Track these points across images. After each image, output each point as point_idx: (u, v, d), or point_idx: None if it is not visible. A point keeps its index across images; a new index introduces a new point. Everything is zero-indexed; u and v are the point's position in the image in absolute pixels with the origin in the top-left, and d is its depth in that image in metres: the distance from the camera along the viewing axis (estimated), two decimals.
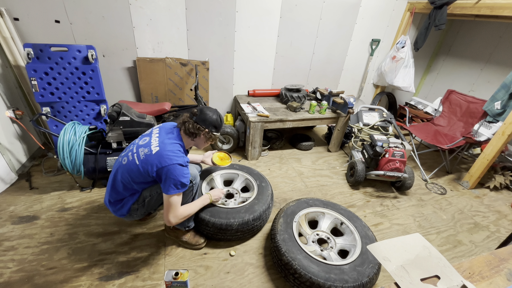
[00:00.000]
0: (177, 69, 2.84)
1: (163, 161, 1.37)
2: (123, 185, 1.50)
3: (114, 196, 1.55)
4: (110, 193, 1.56)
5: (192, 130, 1.48)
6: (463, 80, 3.62)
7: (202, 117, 1.50)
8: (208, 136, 1.53)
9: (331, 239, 1.73)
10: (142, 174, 1.43)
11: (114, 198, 1.55)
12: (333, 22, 3.20)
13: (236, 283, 1.57)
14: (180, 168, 1.38)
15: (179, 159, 1.39)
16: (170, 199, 1.40)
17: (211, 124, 1.52)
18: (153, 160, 1.39)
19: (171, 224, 1.46)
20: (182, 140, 1.52)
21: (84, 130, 2.03)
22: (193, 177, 1.56)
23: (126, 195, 1.53)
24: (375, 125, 2.90)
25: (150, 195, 1.54)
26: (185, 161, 1.42)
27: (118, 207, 1.55)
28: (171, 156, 1.38)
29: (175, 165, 1.37)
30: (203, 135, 1.52)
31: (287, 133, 3.51)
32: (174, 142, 1.46)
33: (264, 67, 3.26)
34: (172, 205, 1.41)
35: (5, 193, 2.10)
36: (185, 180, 1.40)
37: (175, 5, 2.59)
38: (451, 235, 2.10)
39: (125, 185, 1.50)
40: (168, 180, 1.37)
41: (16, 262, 1.58)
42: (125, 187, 1.50)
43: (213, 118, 1.52)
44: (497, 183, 2.71)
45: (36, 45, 2.05)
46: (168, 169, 1.36)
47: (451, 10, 2.88)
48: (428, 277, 0.79)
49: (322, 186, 2.56)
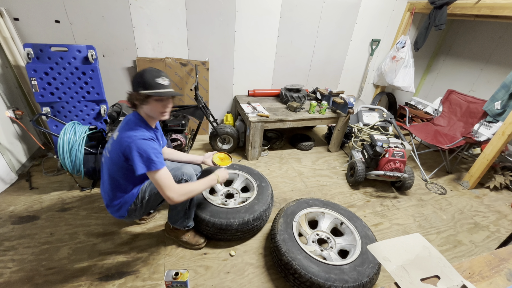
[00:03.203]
0: (177, 69, 2.84)
1: (123, 141, 1.32)
2: (110, 184, 1.48)
3: (107, 199, 1.54)
4: (104, 196, 1.55)
5: (130, 101, 1.35)
6: (463, 80, 3.62)
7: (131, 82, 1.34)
8: (138, 98, 1.31)
9: (331, 239, 1.73)
10: (117, 164, 1.39)
11: (110, 200, 1.53)
12: (333, 22, 3.21)
13: (236, 283, 1.57)
14: (143, 142, 1.29)
15: (138, 134, 1.31)
16: (154, 177, 1.32)
17: (135, 84, 1.31)
18: (116, 145, 1.36)
19: (175, 201, 1.37)
20: (141, 118, 1.40)
21: (84, 130, 2.03)
22: (189, 177, 1.53)
23: (120, 194, 1.51)
24: (375, 125, 2.90)
25: (148, 196, 1.53)
26: (148, 135, 1.34)
27: (116, 208, 1.54)
28: (129, 134, 1.31)
29: (135, 140, 1.29)
30: (136, 101, 1.34)
31: (287, 133, 3.51)
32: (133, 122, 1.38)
33: (264, 67, 3.27)
34: (160, 182, 1.32)
35: (5, 193, 2.11)
36: (154, 154, 1.30)
37: (175, 5, 2.59)
38: (451, 235, 2.10)
39: (111, 183, 1.48)
40: (135, 158, 1.29)
41: (16, 262, 1.58)
42: (112, 185, 1.48)
43: (137, 75, 1.32)
44: (497, 183, 2.71)
45: (36, 45, 2.05)
46: (129, 147, 1.29)
47: (451, 10, 2.88)
48: (428, 277, 0.79)
49: (322, 186, 2.56)
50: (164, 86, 1.34)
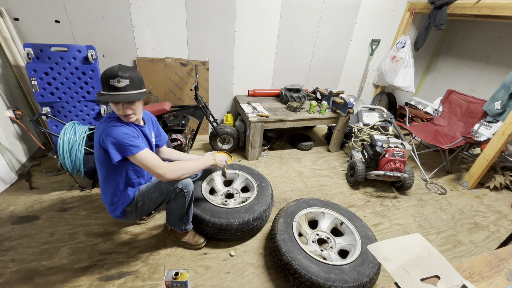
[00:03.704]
0: (177, 69, 2.84)
1: (97, 130, 1.31)
2: (102, 182, 1.47)
3: (103, 198, 1.53)
4: (102, 197, 1.55)
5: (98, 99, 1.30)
6: (463, 80, 3.62)
7: None
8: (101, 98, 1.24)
9: (331, 239, 1.73)
10: (99, 159, 1.38)
11: (105, 200, 1.52)
12: (333, 22, 3.21)
13: (236, 283, 1.57)
14: (113, 129, 1.26)
15: (111, 122, 1.29)
16: (138, 160, 1.30)
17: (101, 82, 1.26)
18: (95, 138, 1.35)
19: (168, 177, 1.34)
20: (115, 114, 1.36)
21: (84, 130, 2.02)
22: (185, 185, 1.48)
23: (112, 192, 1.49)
24: (375, 125, 2.90)
25: (142, 200, 1.50)
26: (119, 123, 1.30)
27: (113, 207, 1.52)
28: (103, 125, 1.30)
29: (105, 129, 1.27)
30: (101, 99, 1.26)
31: (287, 133, 3.51)
32: (107, 116, 1.37)
33: (264, 67, 3.27)
34: (145, 162, 1.30)
35: (5, 193, 2.11)
36: (126, 139, 1.26)
37: (175, 5, 2.59)
38: (451, 235, 2.10)
39: (102, 181, 1.47)
40: (108, 146, 1.26)
41: (16, 262, 1.58)
42: (104, 183, 1.47)
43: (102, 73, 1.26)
44: (497, 183, 2.71)
45: (36, 45, 2.05)
46: (102, 137, 1.27)
47: (451, 10, 2.88)
48: (428, 277, 0.79)
49: (322, 186, 2.56)
50: (116, 89, 1.22)
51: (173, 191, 1.47)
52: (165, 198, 1.50)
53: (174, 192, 1.48)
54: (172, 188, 1.46)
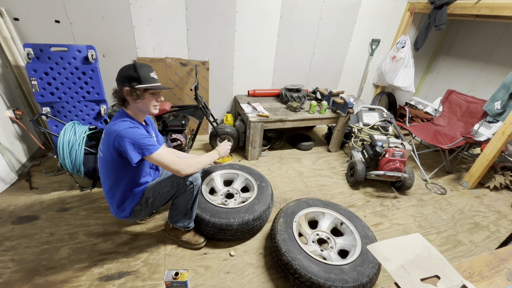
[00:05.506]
0: (177, 69, 2.84)
1: (111, 134, 1.31)
2: (110, 185, 1.48)
3: (110, 202, 1.53)
4: (108, 201, 1.55)
5: (120, 97, 1.36)
6: (463, 80, 3.62)
7: (118, 78, 1.35)
8: (133, 93, 1.32)
9: (331, 239, 1.73)
10: (110, 162, 1.39)
11: (114, 203, 1.52)
12: (333, 22, 3.21)
13: (236, 283, 1.57)
14: (129, 131, 1.30)
15: (124, 124, 1.32)
16: (155, 160, 1.35)
17: (126, 78, 1.32)
18: (104, 141, 1.36)
19: (185, 173, 1.41)
20: (128, 115, 1.41)
21: (84, 130, 2.02)
22: (194, 179, 1.52)
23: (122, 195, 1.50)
24: (375, 125, 2.90)
25: (153, 196, 1.53)
26: (133, 125, 1.34)
27: (121, 209, 1.55)
28: (115, 128, 1.31)
29: (120, 132, 1.29)
30: (129, 96, 1.34)
31: (287, 133, 3.51)
32: (117, 117, 1.39)
33: (264, 67, 3.26)
34: (162, 161, 1.36)
35: (5, 193, 2.11)
36: (144, 140, 1.31)
37: (175, 5, 2.59)
38: (451, 235, 2.10)
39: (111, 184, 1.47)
40: (127, 148, 1.29)
41: (16, 262, 1.58)
42: (113, 186, 1.48)
43: (124, 69, 1.34)
44: (497, 183, 2.71)
45: (36, 45, 2.05)
46: (118, 140, 1.29)
47: (451, 10, 2.88)
48: (428, 277, 0.79)
49: (322, 186, 2.56)
50: (157, 80, 1.42)
51: (183, 184, 1.50)
52: (176, 191, 1.53)
53: (185, 185, 1.50)
54: (183, 181, 1.49)
